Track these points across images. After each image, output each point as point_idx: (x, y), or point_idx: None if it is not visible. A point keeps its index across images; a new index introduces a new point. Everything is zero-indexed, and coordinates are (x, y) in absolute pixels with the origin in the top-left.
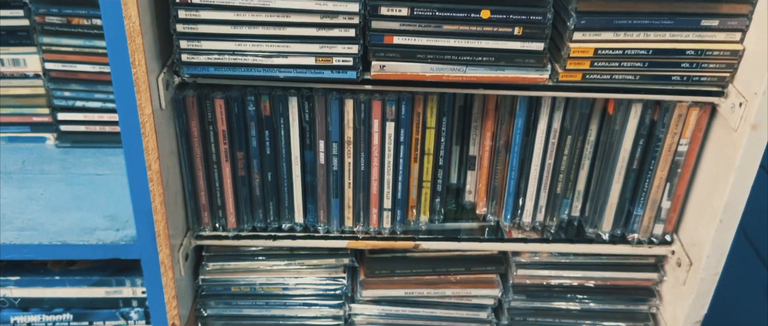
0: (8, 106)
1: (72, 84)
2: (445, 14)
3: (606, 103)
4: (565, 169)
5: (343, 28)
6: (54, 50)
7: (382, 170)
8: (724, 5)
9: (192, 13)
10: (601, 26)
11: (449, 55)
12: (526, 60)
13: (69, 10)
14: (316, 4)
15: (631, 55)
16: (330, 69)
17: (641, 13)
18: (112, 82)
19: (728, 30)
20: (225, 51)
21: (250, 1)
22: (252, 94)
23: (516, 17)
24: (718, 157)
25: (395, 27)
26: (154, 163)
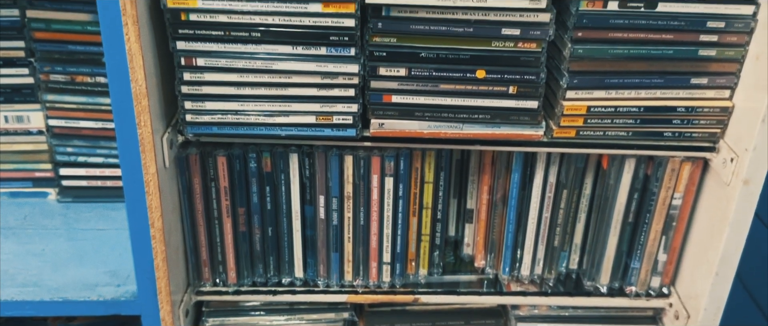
0: (11, 162)
1: (74, 140)
2: (442, 74)
3: (600, 158)
4: (562, 223)
5: (343, 88)
6: (58, 107)
7: (381, 224)
8: (713, 64)
9: (197, 75)
10: (592, 85)
11: (446, 113)
12: (521, 117)
13: (73, 68)
14: (317, 66)
15: (623, 112)
16: (330, 127)
17: (632, 73)
18: (117, 141)
19: (717, 87)
20: (228, 111)
21: (253, 64)
22: (254, 151)
23: (510, 77)
24: (712, 211)
25: (394, 86)
26: (157, 220)
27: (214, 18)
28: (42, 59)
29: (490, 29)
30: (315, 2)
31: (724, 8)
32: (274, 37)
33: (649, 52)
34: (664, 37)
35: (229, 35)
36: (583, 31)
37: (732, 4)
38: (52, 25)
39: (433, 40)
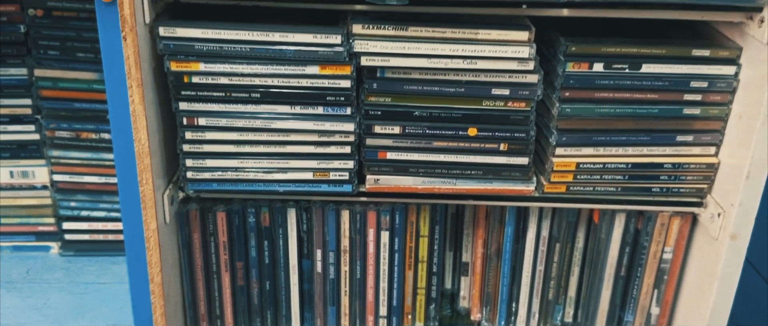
0: (15, 216)
1: (78, 194)
2: (435, 132)
3: (591, 213)
4: (556, 276)
5: (339, 146)
6: (62, 163)
7: (377, 278)
8: (698, 122)
9: (198, 134)
10: (581, 142)
11: (440, 169)
12: (513, 173)
13: (78, 125)
14: (315, 125)
15: (611, 168)
16: (327, 183)
17: (619, 131)
18: (120, 198)
19: (703, 144)
20: (228, 168)
21: (252, 123)
22: (252, 206)
23: (501, 134)
24: (701, 265)
25: (388, 144)
26: (156, 275)
27: (215, 80)
28: (48, 116)
29: (480, 89)
30: (312, 65)
31: (707, 69)
32: (273, 98)
33: (634, 110)
34: (649, 96)
35: (229, 96)
36: (570, 91)
37: (714, 65)
38: (58, 83)
39: (426, 100)
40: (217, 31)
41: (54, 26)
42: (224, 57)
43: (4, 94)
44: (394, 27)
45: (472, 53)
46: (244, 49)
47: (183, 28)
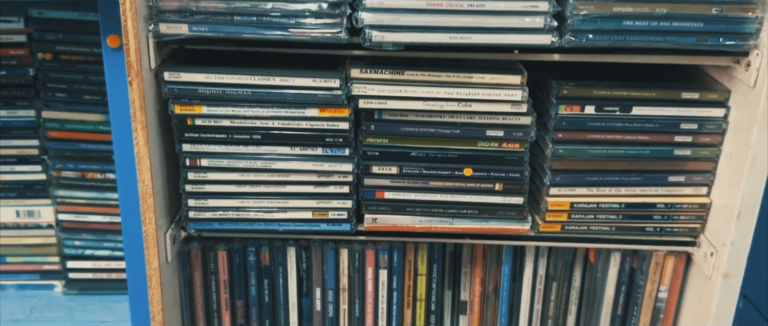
0: (20, 255)
1: (83, 234)
2: (432, 172)
3: (587, 252)
4: (553, 315)
5: (338, 186)
6: (68, 202)
7: (376, 316)
8: (689, 163)
9: (200, 175)
10: (574, 183)
11: (436, 208)
12: (508, 212)
13: (84, 165)
14: (314, 165)
15: (605, 208)
16: (326, 222)
17: (611, 171)
18: (123, 238)
19: (695, 184)
20: (229, 208)
21: (253, 163)
22: (253, 245)
23: (496, 175)
24: (696, 303)
25: (386, 184)
26: (157, 314)
27: (218, 122)
28: (55, 157)
29: (475, 131)
30: (312, 107)
31: (697, 111)
32: (273, 139)
33: (626, 152)
34: (640, 138)
35: (231, 137)
36: (563, 132)
37: (704, 108)
38: (65, 124)
39: (422, 141)
40: (220, 75)
41: (62, 69)
42: (227, 100)
43: (12, 135)
44: (391, 71)
45: (466, 96)
46: (246, 93)
47: (187, 72)
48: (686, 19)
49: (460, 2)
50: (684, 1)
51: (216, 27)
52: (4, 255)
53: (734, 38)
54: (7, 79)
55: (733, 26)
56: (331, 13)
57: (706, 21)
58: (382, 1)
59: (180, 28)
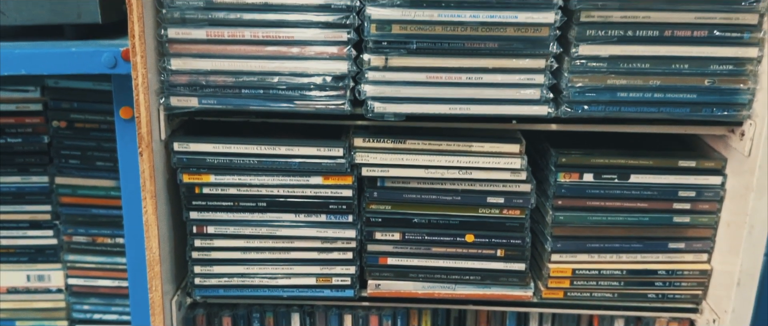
0: (28, 319)
1: (92, 298)
2: (434, 238)
3: (591, 317)
4: None
5: (341, 252)
6: (78, 267)
7: None
8: (689, 230)
9: (207, 242)
10: (576, 249)
11: (439, 274)
12: (510, 279)
13: (95, 230)
14: (318, 232)
15: (607, 275)
16: (330, 288)
17: (612, 238)
18: (130, 304)
19: (695, 251)
20: (234, 274)
21: (258, 230)
22: (257, 311)
23: (498, 241)
24: None
25: (389, 250)
26: None
27: (224, 190)
28: (66, 222)
29: (476, 197)
30: (316, 175)
31: (694, 179)
32: (278, 207)
33: (626, 219)
34: (640, 205)
35: (237, 205)
36: (563, 199)
37: (701, 176)
38: (77, 190)
39: (424, 207)
40: (228, 145)
41: (76, 137)
42: (233, 169)
43: (25, 200)
44: (393, 140)
45: (467, 164)
46: (253, 162)
47: (196, 143)
48: (680, 91)
49: (459, 75)
50: (677, 73)
51: (224, 99)
52: (14, 319)
53: (727, 109)
54: (23, 146)
55: (726, 97)
56: (335, 86)
57: (700, 92)
58: (384, 74)
59: (190, 101)
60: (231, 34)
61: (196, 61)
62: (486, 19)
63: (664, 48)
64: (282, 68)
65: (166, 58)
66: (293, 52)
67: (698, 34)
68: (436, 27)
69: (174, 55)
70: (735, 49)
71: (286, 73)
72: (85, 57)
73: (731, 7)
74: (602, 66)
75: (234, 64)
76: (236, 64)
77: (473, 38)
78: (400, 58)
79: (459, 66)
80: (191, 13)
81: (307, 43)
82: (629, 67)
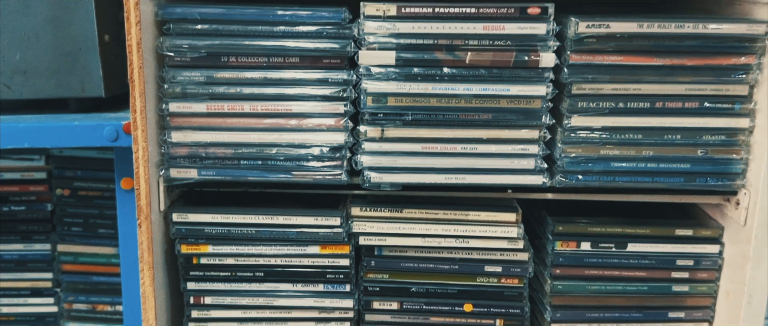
0: None
1: None
2: (432, 307)
3: None
4: None
5: (339, 322)
6: None
7: None
8: (688, 299)
9: (204, 313)
10: (575, 319)
11: None
12: None
13: (95, 297)
14: (315, 302)
15: None
16: None
17: (611, 307)
18: None
19: (695, 320)
20: None
21: (256, 300)
22: None
23: (496, 310)
24: None
25: (387, 319)
26: None
27: (222, 261)
28: (67, 289)
29: (474, 266)
30: (313, 245)
31: (692, 247)
32: (275, 276)
33: (625, 288)
34: (638, 274)
35: (235, 275)
36: (561, 268)
37: (699, 244)
38: (79, 258)
39: (422, 276)
40: (226, 215)
41: (79, 204)
42: (231, 239)
43: (27, 268)
44: (390, 209)
45: (464, 233)
46: (250, 232)
47: (194, 213)
48: (673, 161)
49: (454, 146)
50: (670, 144)
51: (223, 171)
52: None
53: (721, 178)
54: (26, 213)
55: (719, 167)
56: (332, 157)
57: (693, 162)
58: (380, 145)
59: (189, 172)
60: (231, 107)
61: (196, 134)
62: (479, 92)
63: (656, 119)
64: (280, 140)
65: (167, 131)
66: (291, 124)
67: (689, 106)
68: (431, 99)
69: (175, 128)
70: (726, 119)
71: (284, 145)
72: (87, 130)
73: (721, 78)
74: (595, 137)
75: (233, 136)
76: (235, 136)
77: (467, 110)
78: (396, 129)
79: (454, 137)
80: (192, 87)
81: (305, 116)
82: (622, 137)
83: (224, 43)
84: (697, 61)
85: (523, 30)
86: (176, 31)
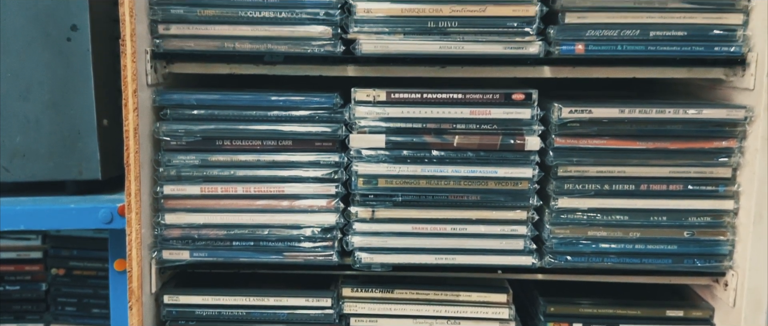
0: None
1: None
2: None
3: None
4: None
5: None
6: None
7: None
8: None
9: None
10: None
11: None
12: None
13: None
14: None
15: None
16: None
17: None
18: None
19: None
20: None
21: None
22: None
23: None
24: None
25: None
26: None
27: None
28: None
29: None
30: None
31: None
32: None
33: None
34: None
35: None
36: None
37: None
38: None
39: None
40: (217, 297)
41: (73, 284)
42: (222, 321)
43: None
44: (381, 290)
45: (455, 314)
46: (241, 313)
47: (186, 295)
48: (660, 243)
49: (444, 226)
50: (656, 226)
51: (215, 252)
52: None
53: (709, 260)
54: (21, 293)
55: (706, 248)
56: (323, 238)
57: (680, 244)
58: (371, 226)
59: (182, 254)
60: (224, 189)
61: (190, 216)
62: (467, 173)
63: (642, 201)
64: (272, 221)
65: (161, 213)
66: (283, 206)
67: (674, 188)
68: (421, 181)
69: (168, 211)
70: (711, 201)
71: (276, 226)
72: (83, 213)
73: (704, 161)
74: (582, 218)
75: (226, 218)
76: (228, 218)
77: (456, 191)
78: (387, 210)
79: (444, 217)
80: (187, 170)
81: (297, 197)
82: (608, 219)
83: (219, 127)
84: (680, 145)
85: (508, 114)
86: (173, 116)
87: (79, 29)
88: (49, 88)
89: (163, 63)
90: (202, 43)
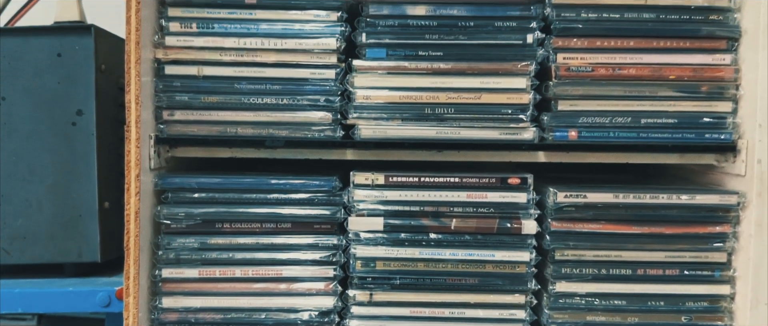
0: None
1: None
2: None
3: None
4: None
5: None
6: None
7: None
8: None
9: None
10: None
11: None
12: None
13: None
14: None
15: None
16: None
17: None
18: None
19: None
20: None
21: None
22: None
23: None
24: None
25: None
26: None
27: None
28: None
29: None
30: None
31: None
32: None
33: None
34: None
35: None
36: None
37: None
38: None
39: None
40: None
41: None
42: None
43: None
44: None
45: None
46: None
47: None
48: None
49: (442, 310)
50: (653, 310)
51: None
52: None
53: None
54: None
55: None
56: (321, 322)
57: None
58: (369, 309)
59: None
60: (222, 272)
61: (187, 299)
62: (465, 257)
63: (639, 286)
64: (270, 304)
65: (158, 296)
66: (281, 289)
67: (670, 273)
68: (419, 264)
69: (166, 294)
70: (707, 286)
71: (273, 309)
72: (80, 296)
73: (699, 246)
74: (581, 302)
75: (223, 301)
76: (225, 301)
77: (454, 274)
78: (385, 294)
79: (442, 301)
80: (186, 253)
81: (295, 280)
82: (607, 304)
83: (219, 210)
84: (674, 230)
85: (504, 198)
86: (174, 199)
87: (85, 114)
88: (52, 171)
89: (166, 147)
90: (205, 128)
